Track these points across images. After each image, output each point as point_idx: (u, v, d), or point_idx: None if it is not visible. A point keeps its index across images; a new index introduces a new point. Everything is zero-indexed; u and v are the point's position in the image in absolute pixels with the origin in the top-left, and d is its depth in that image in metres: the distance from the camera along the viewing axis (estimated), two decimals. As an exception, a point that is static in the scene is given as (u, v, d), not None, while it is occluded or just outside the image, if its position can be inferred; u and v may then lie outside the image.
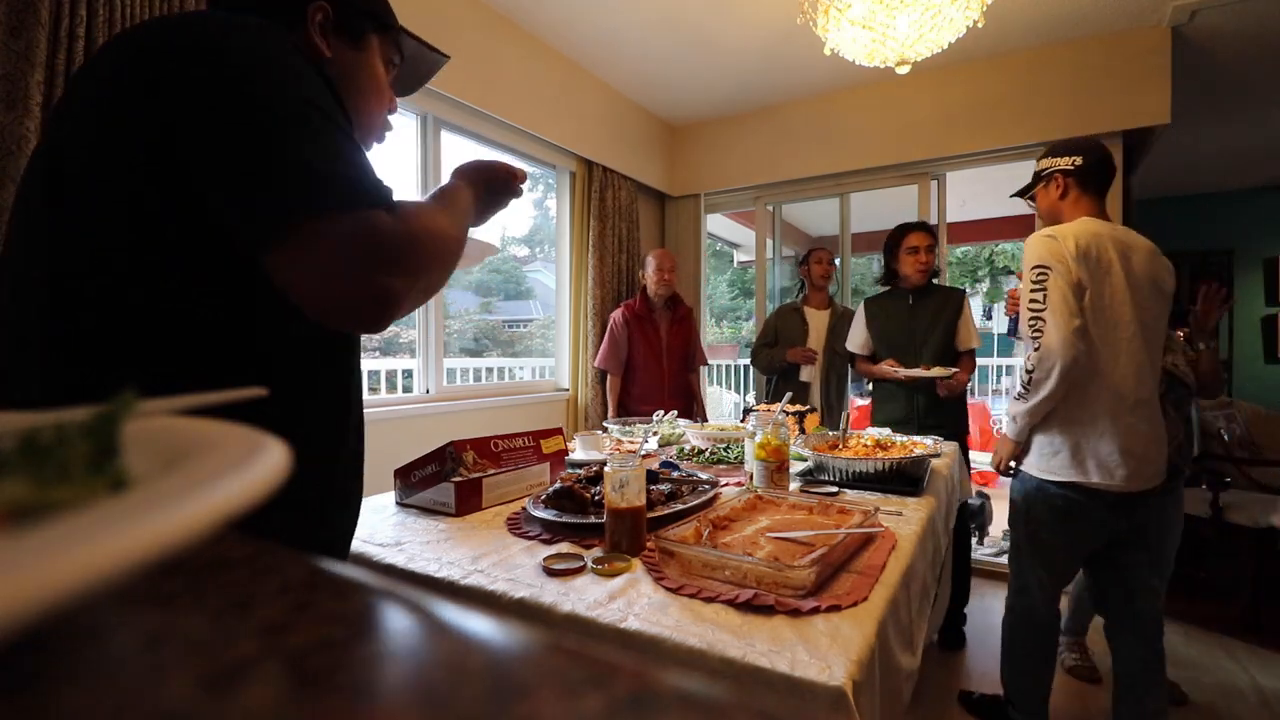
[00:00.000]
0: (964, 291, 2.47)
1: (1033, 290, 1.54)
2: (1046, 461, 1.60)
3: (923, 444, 1.56)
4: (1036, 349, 1.52)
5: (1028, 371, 1.55)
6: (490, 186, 0.81)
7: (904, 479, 1.37)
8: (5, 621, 0.10)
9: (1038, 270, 1.53)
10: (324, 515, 0.69)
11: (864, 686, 0.62)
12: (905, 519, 1.11)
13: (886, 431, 1.83)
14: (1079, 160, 1.63)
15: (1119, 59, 2.78)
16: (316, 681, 0.13)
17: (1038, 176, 1.72)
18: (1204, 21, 2.60)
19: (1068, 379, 1.50)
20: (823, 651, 0.63)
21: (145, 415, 0.21)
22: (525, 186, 0.85)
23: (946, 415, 2.33)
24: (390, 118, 0.83)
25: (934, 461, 1.56)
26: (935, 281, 2.49)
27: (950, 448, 1.83)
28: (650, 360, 2.97)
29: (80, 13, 1.42)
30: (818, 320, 2.92)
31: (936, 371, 2.23)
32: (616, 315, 3.04)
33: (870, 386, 2.66)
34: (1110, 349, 1.53)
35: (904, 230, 2.44)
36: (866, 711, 0.61)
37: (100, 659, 0.14)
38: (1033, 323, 1.53)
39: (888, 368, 2.37)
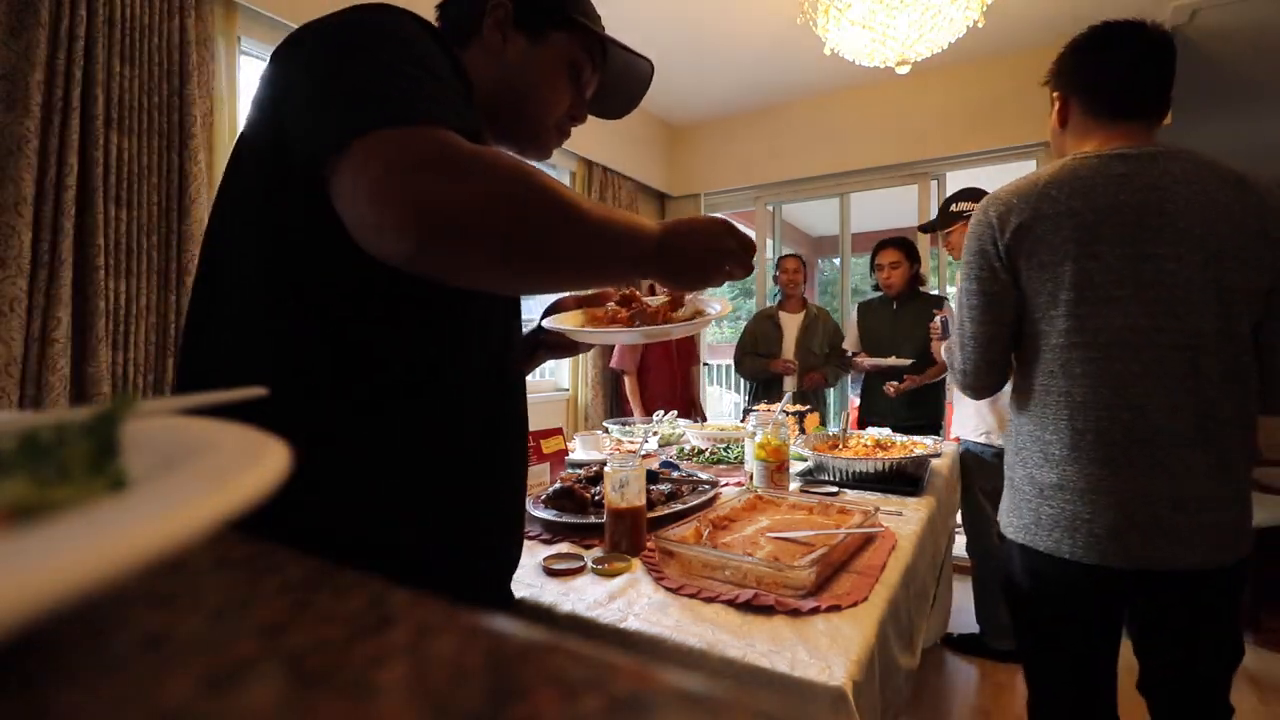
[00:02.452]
0: (944, 299, 2.73)
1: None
2: (994, 435, 1.96)
3: (923, 444, 1.56)
4: None
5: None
6: (696, 240, 0.63)
7: (904, 479, 1.37)
8: (5, 621, 0.10)
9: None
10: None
11: (864, 686, 0.62)
12: (905, 519, 1.11)
13: (886, 431, 1.85)
14: None
15: (1119, 59, 2.78)
16: (316, 681, 0.13)
17: (957, 216, 2.02)
18: (1204, 21, 2.60)
19: None
20: (823, 651, 0.63)
21: (145, 415, 0.21)
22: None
23: (919, 408, 2.59)
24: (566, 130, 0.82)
25: (934, 461, 1.56)
26: (922, 290, 2.75)
27: (951, 448, 1.84)
28: (662, 361, 3.07)
29: (80, 13, 1.42)
30: (791, 324, 3.06)
31: (892, 361, 2.50)
32: None
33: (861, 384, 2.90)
34: None
35: (879, 246, 2.70)
36: (866, 711, 0.61)
37: (100, 659, 0.14)
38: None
39: (860, 360, 2.67)
